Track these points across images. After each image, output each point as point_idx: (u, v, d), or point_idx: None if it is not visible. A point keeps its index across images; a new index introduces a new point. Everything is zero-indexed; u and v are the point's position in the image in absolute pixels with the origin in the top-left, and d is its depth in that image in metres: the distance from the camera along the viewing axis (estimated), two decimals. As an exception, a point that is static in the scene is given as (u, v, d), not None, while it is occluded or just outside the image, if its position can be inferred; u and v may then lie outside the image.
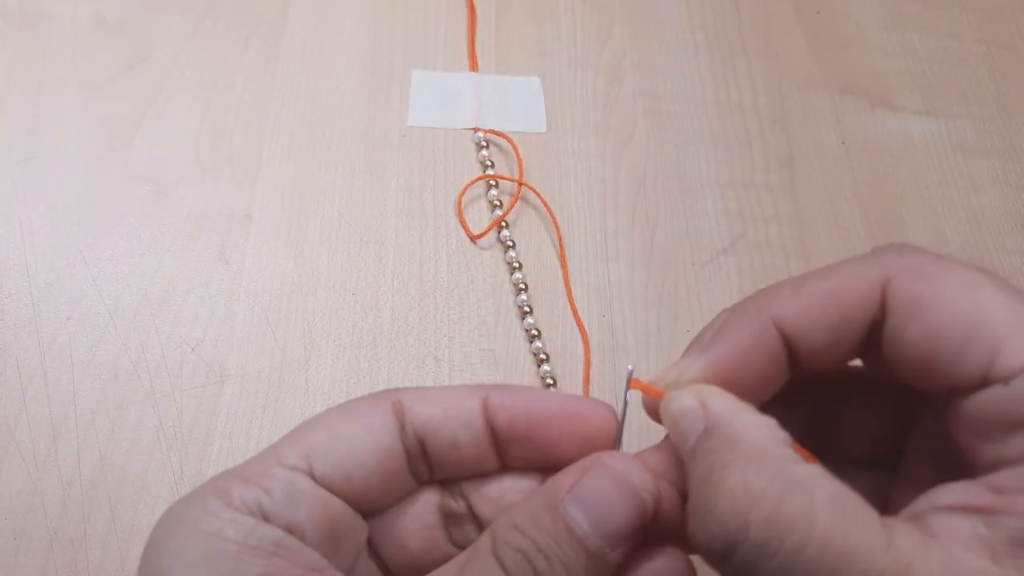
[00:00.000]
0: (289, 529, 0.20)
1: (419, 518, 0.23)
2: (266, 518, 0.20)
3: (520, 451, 0.22)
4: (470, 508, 0.23)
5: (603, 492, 0.20)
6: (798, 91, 0.47)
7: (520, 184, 0.41)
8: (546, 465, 0.22)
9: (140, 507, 0.32)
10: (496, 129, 0.43)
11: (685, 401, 0.21)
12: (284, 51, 0.45)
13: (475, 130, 0.43)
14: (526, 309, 0.38)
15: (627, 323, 0.38)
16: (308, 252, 0.39)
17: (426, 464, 0.23)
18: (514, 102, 0.44)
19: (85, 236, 0.38)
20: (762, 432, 0.19)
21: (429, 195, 0.41)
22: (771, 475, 0.18)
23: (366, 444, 0.22)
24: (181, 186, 0.40)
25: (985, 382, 0.19)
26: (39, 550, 0.31)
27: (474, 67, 0.45)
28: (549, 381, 0.36)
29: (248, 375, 0.36)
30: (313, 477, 0.21)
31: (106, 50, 0.44)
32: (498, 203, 0.41)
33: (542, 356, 0.37)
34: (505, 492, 0.23)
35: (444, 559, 0.21)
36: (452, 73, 0.45)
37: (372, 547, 0.23)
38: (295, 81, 0.44)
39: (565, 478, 0.20)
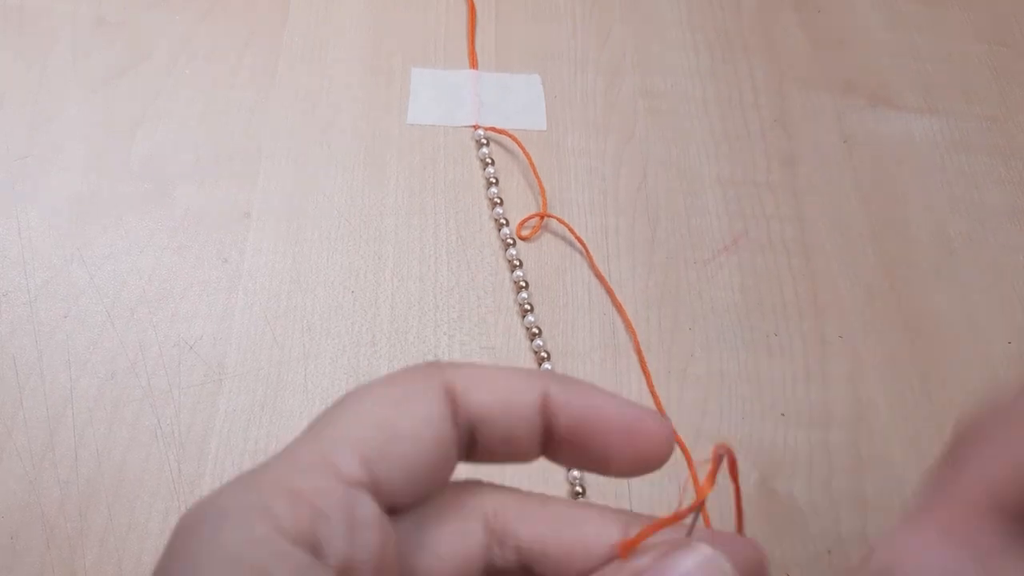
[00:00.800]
0: (343, 571, 0.17)
1: (460, 527, 0.20)
2: (319, 553, 0.16)
3: (568, 451, 0.20)
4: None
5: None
6: (799, 90, 0.47)
7: (544, 211, 0.41)
8: (587, 466, 0.20)
9: (137, 506, 0.32)
10: (496, 127, 0.43)
11: None
12: (284, 50, 0.45)
13: (475, 128, 0.43)
14: (527, 307, 0.38)
15: (628, 321, 0.38)
16: (307, 250, 0.39)
17: (464, 452, 0.20)
18: (514, 100, 0.44)
19: (83, 234, 0.38)
20: None
21: (429, 193, 0.41)
22: None
23: (425, 441, 0.18)
24: (180, 184, 0.40)
25: None
26: (36, 548, 0.31)
27: (474, 65, 0.45)
28: (550, 380, 0.36)
29: (247, 373, 0.35)
30: (374, 493, 0.18)
31: (106, 49, 0.44)
32: (498, 200, 0.41)
33: (543, 354, 0.37)
34: (557, 526, 0.20)
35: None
36: (452, 71, 0.45)
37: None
38: (295, 80, 0.44)
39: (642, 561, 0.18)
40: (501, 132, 0.43)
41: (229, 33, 0.45)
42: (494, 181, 0.41)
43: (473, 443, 0.20)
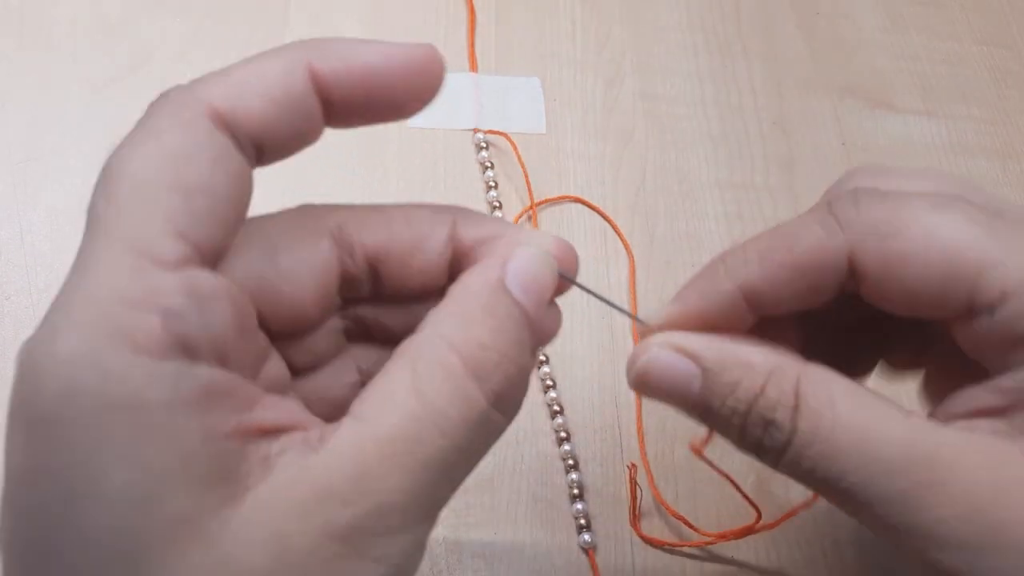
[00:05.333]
0: (214, 349, 0.16)
1: (310, 246, 0.20)
2: (190, 354, 0.15)
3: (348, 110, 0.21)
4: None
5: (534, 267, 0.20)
6: (797, 92, 0.47)
7: (532, 207, 0.41)
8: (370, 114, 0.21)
9: (140, 508, 0.32)
10: (496, 130, 0.43)
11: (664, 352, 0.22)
12: (284, 52, 0.45)
13: (475, 131, 0.43)
14: (526, 310, 0.38)
15: (627, 324, 0.38)
16: (308, 253, 0.39)
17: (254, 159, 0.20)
18: (514, 103, 0.44)
19: (85, 237, 0.38)
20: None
21: (429, 196, 0.41)
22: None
23: (222, 179, 0.18)
24: (181, 187, 0.40)
25: (972, 313, 0.20)
26: (39, 551, 0.31)
27: (474, 68, 0.45)
28: (549, 383, 0.36)
29: (248, 376, 0.36)
30: (202, 260, 0.17)
31: (107, 51, 0.44)
32: (497, 204, 0.41)
33: (542, 356, 0.37)
34: (394, 228, 0.21)
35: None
36: (452, 74, 0.45)
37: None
38: (295, 82, 0.44)
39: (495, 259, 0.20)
40: (501, 135, 0.43)
41: (230, 34, 0.46)
42: (493, 184, 0.41)
43: (261, 152, 0.20)
